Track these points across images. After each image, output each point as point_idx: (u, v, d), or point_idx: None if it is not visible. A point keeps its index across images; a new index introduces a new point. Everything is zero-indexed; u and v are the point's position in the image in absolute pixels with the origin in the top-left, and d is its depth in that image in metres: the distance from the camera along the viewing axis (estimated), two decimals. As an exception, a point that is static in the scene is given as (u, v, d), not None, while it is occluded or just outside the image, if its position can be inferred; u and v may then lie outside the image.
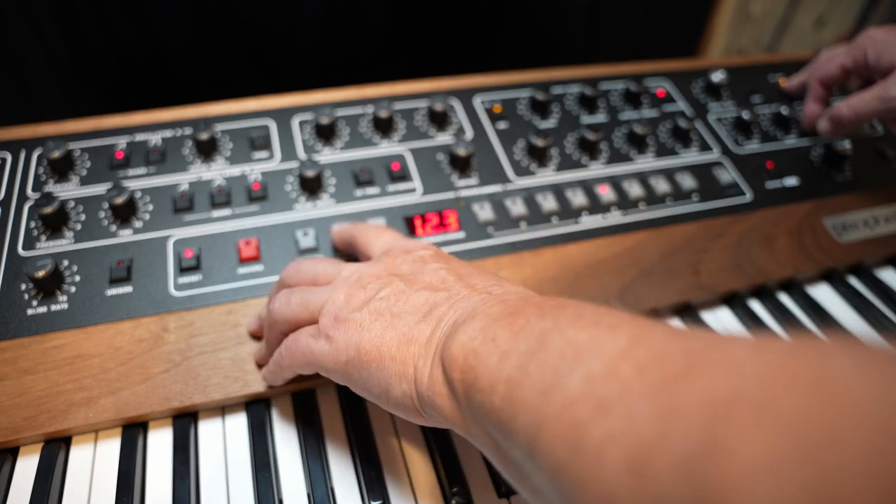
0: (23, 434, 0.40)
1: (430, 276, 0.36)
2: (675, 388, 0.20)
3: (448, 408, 0.30)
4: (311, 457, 0.41)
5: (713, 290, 0.53)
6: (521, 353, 0.26)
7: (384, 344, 0.33)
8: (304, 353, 0.36)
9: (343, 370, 0.34)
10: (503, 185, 0.58)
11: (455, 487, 0.40)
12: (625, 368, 0.22)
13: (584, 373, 0.23)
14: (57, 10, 0.72)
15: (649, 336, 0.23)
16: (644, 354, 0.22)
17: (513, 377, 0.26)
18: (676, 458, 0.18)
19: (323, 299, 0.37)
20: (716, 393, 0.19)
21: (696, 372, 0.20)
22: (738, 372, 0.19)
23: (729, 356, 0.20)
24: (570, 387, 0.23)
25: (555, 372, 0.24)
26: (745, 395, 0.18)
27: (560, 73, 0.70)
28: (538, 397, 0.24)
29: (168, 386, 0.42)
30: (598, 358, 0.23)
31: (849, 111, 0.61)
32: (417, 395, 0.32)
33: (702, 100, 0.70)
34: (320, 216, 0.53)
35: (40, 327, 0.44)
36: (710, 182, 0.62)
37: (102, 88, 0.82)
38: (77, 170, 0.54)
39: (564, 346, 0.25)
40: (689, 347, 0.22)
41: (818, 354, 0.18)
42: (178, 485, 0.39)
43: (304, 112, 0.61)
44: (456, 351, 0.29)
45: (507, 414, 0.26)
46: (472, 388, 0.28)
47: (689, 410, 0.19)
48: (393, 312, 0.34)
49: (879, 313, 0.55)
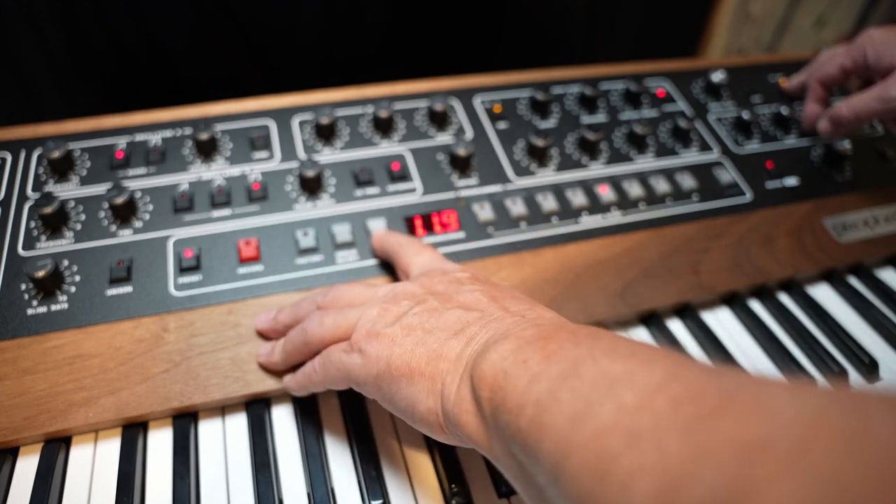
0: (23, 434, 0.40)
1: (464, 297, 0.36)
2: (709, 426, 0.20)
3: (473, 426, 0.30)
4: (311, 457, 0.41)
5: (713, 290, 0.53)
6: (552, 377, 0.26)
7: (414, 359, 0.33)
8: (338, 367, 0.37)
9: (374, 383, 0.35)
10: (503, 185, 0.58)
11: (455, 487, 0.40)
12: (659, 402, 0.22)
13: (617, 403, 0.23)
14: (57, 10, 0.72)
15: (685, 372, 0.23)
16: (679, 390, 0.22)
17: (542, 401, 0.26)
18: (705, 497, 0.18)
19: (356, 316, 0.38)
20: (749, 434, 0.19)
21: (730, 411, 0.20)
22: (772, 415, 0.19)
23: (764, 398, 0.20)
24: (601, 416, 0.23)
25: (586, 400, 0.24)
26: (779, 439, 0.18)
27: (560, 73, 0.70)
28: (567, 423, 0.24)
29: (168, 386, 0.42)
30: (631, 390, 0.23)
31: (848, 111, 0.61)
32: (443, 412, 0.32)
33: (702, 100, 0.70)
34: (320, 216, 0.53)
35: (40, 327, 0.44)
36: (710, 182, 0.62)
37: (102, 88, 0.82)
38: (77, 170, 0.54)
39: (598, 376, 0.25)
40: (725, 386, 0.21)
41: (856, 404, 0.18)
42: (178, 485, 0.39)
43: (304, 112, 0.61)
44: (486, 370, 0.29)
45: (533, 437, 0.26)
46: (499, 408, 0.28)
47: (721, 449, 0.19)
48: (425, 329, 0.34)
49: (879, 313, 0.55)
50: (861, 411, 0.18)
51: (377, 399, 0.36)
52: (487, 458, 0.31)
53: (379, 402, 0.36)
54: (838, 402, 0.19)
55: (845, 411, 0.18)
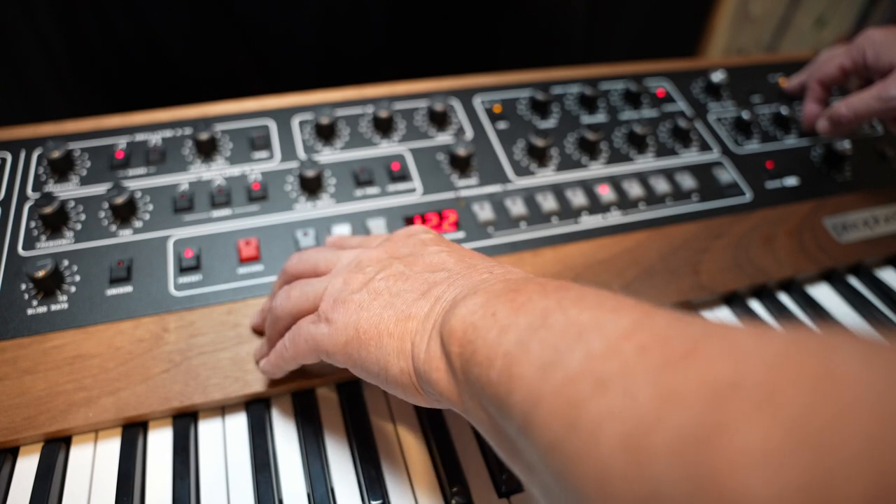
0: (23, 434, 0.40)
1: (430, 258, 0.36)
2: (677, 370, 0.20)
3: (445, 382, 0.30)
4: (311, 457, 0.41)
5: (713, 289, 0.53)
6: (521, 328, 0.26)
7: (382, 322, 0.33)
8: (306, 339, 0.36)
9: (343, 350, 0.34)
10: (503, 185, 0.58)
11: (455, 487, 0.40)
12: (626, 348, 0.22)
13: (585, 351, 0.23)
14: (57, 10, 0.72)
15: (652, 319, 0.23)
16: (647, 336, 0.22)
17: (511, 352, 0.26)
18: (673, 439, 0.18)
19: (323, 286, 0.37)
20: (717, 377, 0.19)
21: (698, 355, 0.20)
22: (740, 358, 0.19)
23: (732, 342, 0.20)
24: (569, 364, 0.23)
25: (555, 349, 0.24)
26: (746, 381, 0.18)
27: (560, 73, 0.70)
28: (536, 373, 0.24)
29: (168, 386, 0.42)
30: (600, 337, 0.23)
31: (848, 111, 0.61)
32: (415, 371, 0.32)
33: (702, 100, 0.70)
34: (320, 216, 0.53)
35: (40, 327, 0.44)
36: (710, 182, 0.62)
37: (102, 88, 0.82)
38: (77, 170, 0.54)
39: (566, 325, 0.25)
40: (693, 332, 0.22)
41: (822, 346, 0.18)
42: (178, 485, 0.39)
43: (304, 112, 0.61)
44: (455, 324, 0.29)
45: (503, 388, 0.26)
46: (469, 361, 0.28)
47: (688, 393, 0.19)
48: (392, 292, 0.34)
49: (879, 313, 0.55)
50: (827, 352, 0.18)
51: (349, 367, 0.35)
52: (460, 413, 0.31)
53: (351, 370, 0.35)
54: (805, 343, 0.19)
55: (812, 352, 0.18)
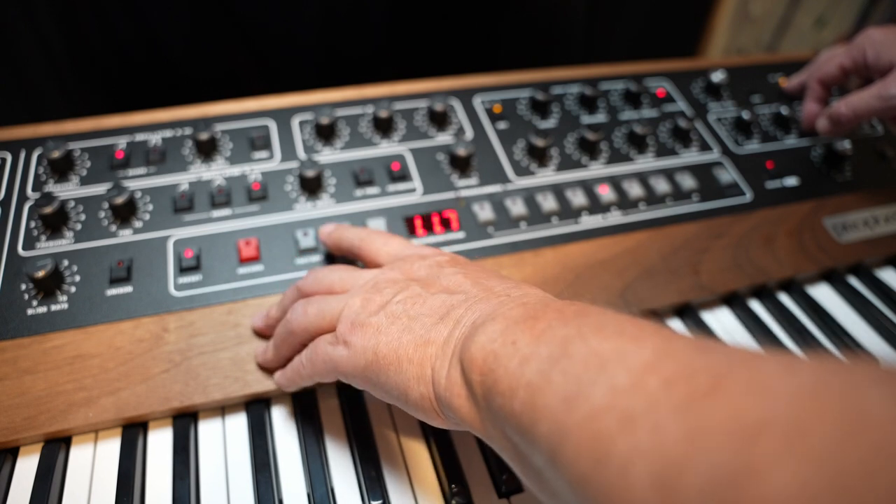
0: (23, 434, 0.40)
1: (447, 280, 0.36)
2: (704, 407, 0.20)
3: (466, 409, 0.30)
4: (311, 457, 0.41)
5: (713, 290, 0.53)
6: (542, 358, 0.26)
7: (401, 347, 0.33)
8: (325, 360, 0.36)
9: (362, 374, 0.34)
10: (503, 185, 0.58)
11: (455, 487, 0.40)
12: (651, 382, 0.22)
13: (609, 384, 0.23)
14: (57, 10, 0.72)
15: (675, 349, 0.23)
16: (671, 368, 0.22)
17: (534, 382, 0.26)
18: (705, 480, 0.18)
19: (340, 306, 0.37)
20: (745, 415, 0.18)
21: (724, 391, 0.20)
22: (767, 395, 0.19)
23: (758, 376, 0.20)
24: (594, 398, 0.23)
25: (578, 381, 0.24)
26: (776, 419, 0.18)
27: (560, 73, 0.70)
28: (561, 406, 0.24)
29: (168, 386, 0.42)
30: (623, 369, 0.23)
31: (847, 110, 0.60)
32: (435, 397, 0.32)
33: (702, 100, 0.70)
34: (320, 216, 0.53)
35: (40, 327, 0.44)
36: (710, 182, 0.62)
37: (102, 88, 0.82)
38: (77, 170, 0.54)
39: (588, 356, 0.25)
40: (718, 363, 0.21)
41: (850, 381, 0.18)
42: (178, 485, 0.39)
43: (304, 112, 0.61)
44: (475, 352, 0.29)
45: (527, 419, 0.25)
46: (491, 390, 0.28)
47: (717, 431, 0.19)
48: (410, 315, 0.34)
49: (879, 313, 0.55)
50: (857, 388, 0.18)
51: (368, 390, 0.35)
52: (483, 440, 0.31)
53: (370, 392, 0.35)
54: (834, 378, 0.18)
55: (842, 388, 0.18)
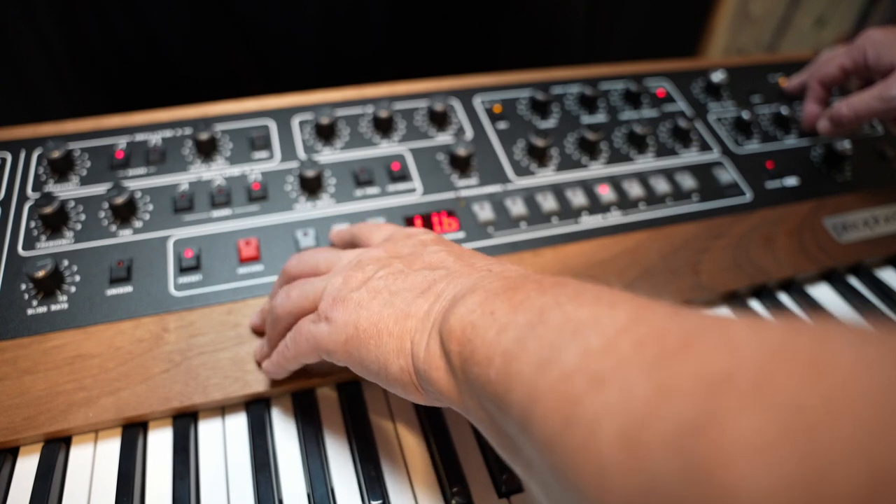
0: (23, 434, 0.40)
1: (429, 257, 0.36)
2: (672, 364, 0.20)
3: (444, 381, 0.30)
4: (311, 457, 0.41)
5: (713, 290, 0.53)
6: (519, 326, 0.27)
7: (382, 320, 0.33)
8: (307, 338, 0.36)
9: (343, 349, 0.34)
10: (503, 185, 0.58)
11: (455, 487, 0.40)
12: (622, 343, 0.22)
13: (582, 347, 0.23)
14: (57, 10, 0.72)
15: (648, 313, 0.23)
16: (643, 330, 0.22)
17: (510, 350, 0.26)
18: (669, 432, 0.18)
19: (322, 285, 0.37)
20: (712, 369, 0.19)
21: (692, 348, 0.20)
22: (734, 350, 0.19)
23: (726, 334, 0.20)
24: (566, 361, 0.23)
25: (552, 346, 0.24)
26: (740, 372, 0.18)
27: (560, 73, 0.70)
28: (534, 370, 0.24)
29: (168, 386, 0.42)
30: (596, 333, 0.23)
31: (848, 110, 0.60)
32: (414, 370, 0.32)
33: (702, 100, 0.70)
34: (320, 216, 0.53)
35: (40, 327, 0.44)
36: (710, 182, 0.62)
37: (102, 88, 0.82)
38: (77, 170, 0.54)
39: (563, 322, 0.25)
40: (688, 325, 0.22)
41: (815, 336, 0.18)
42: (178, 485, 0.39)
43: (304, 112, 0.61)
44: (454, 323, 0.29)
45: (502, 387, 0.26)
46: (468, 360, 0.28)
47: (684, 386, 0.19)
48: (391, 290, 0.34)
49: (879, 313, 0.55)
50: (822, 342, 0.18)
51: (349, 366, 0.35)
52: (460, 411, 0.31)
53: (351, 368, 0.35)
54: (799, 334, 0.19)
55: (806, 343, 0.18)
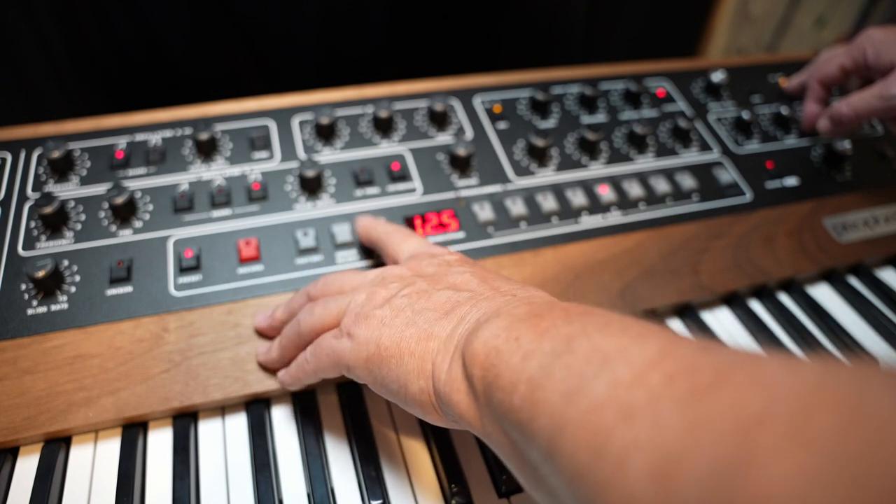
0: (23, 434, 0.40)
1: (454, 278, 0.36)
2: (705, 401, 0.20)
3: (465, 405, 0.30)
4: (311, 457, 0.41)
5: (713, 290, 0.53)
6: (545, 354, 0.26)
7: (404, 339, 0.33)
8: (328, 353, 0.36)
9: (364, 366, 0.34)
10: (503, 185, 0.58)
11: (455, 487, 0.40)
12: (653, 377, 0.22)
13: (611, 379, 0.23)
14: (57, 10, 0.72)
15: (679, 347, 0.23)
16: (673, 364, 0.22)
17: (535, 378, 0.26)
18: (703, 472, 0.18)
19: (346, 301, 0.37)
20: (747, 408, 0.18)
21: (726, 385, 0.20)
22: (770, 389, 0.19)
23: (761, 373, 0.20)
24: (595, 392, 0.23)
25: (580, 376, 0.24)
26: (777, 412, 0.18)
27: (560, 73, 0.70)
28: (561, 400, 0.24)
29: (168, 386, 0.42)
30: (625, 365, 0.23)
31: (849, 110, 0.60)
32: (435, 392, 0.32)
33: (702, 100, 0.70)
34: (320, 216, 0.53)
35: (40, 327, 0.44)
36: (710, 182, 0.62)
37: (102, 88, 0.82)
38: (77, 170, 0.54)
39: (591, 352, 0.25)
40: (720, 361, 0.21)
41: (853, 377, 0.18)
42: (178, 485, 0.39)
43: (304, 112, 0.61)
44: (478, 348, 0.29)
45: (526, 414, 0.26)
46: (492, 385, 0.28)
47: (718, 424, 0.19)
48: (414, 309, 0.34)
49: (879, 313, 0.55)
50: (859, 385, 0.17)
51: (369, 384, 0.35)
52: (480, 437, 0.31)
53: (371, 387, 0.35)
54: (836, 375, 0.18)
55: (843, 384, 0.18)
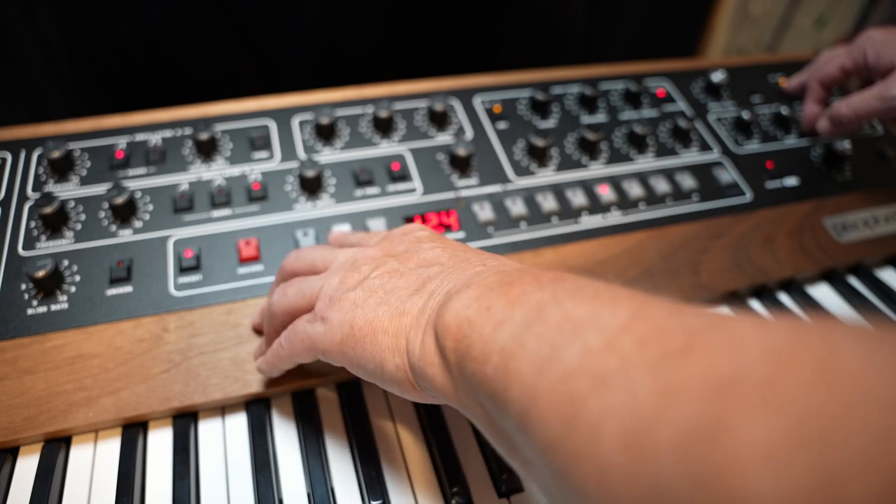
0: (23, 434, 0.40)
1: (424, 254, 0.36)
2: (677, 364, 0.20)
3: (440, 378, 0.30)
4: (311, 457, 0.41)
5: (713, 290, 0.53)
6: (516, 323, 0.26)
7: (377, 318, 0.33)
8: (302, 338, 0.36)
9: (339, 349, 0.34)
10: (503, 185, 0.58)
11: (455, 487, 0.40)
12: (624, 342, 0.22)
13: (583, 346, 0.23)
14: (57, 10, 0.72)
15: (650, 310, 0.23)
16: (645, 328, 0.22)
17: (507, 347, 0.26)
18: (675, 436, 0.18)
19: (319, 285, 0.37)
20: (718, 371, 0.18)
21: (698, 348, 0.20)
22: (741, 351, 0.19)
23: (732, 334, 0.20)
24: (567, 360, 0.23)
25: (552, 344, 0.24)
26: (749, 375, 0.18)
27: (560, 73, 0.70)
28: (533, 369, 0.24)
29: (168, 386, 0.42)
30: (597, 331, 0.23)
31: (848, 110, 0.60)
32: (410, 367, 0.32)
33: (702, 100, 0.70)
34: (320, 216, 0.53)
35: (40, 327, 0.44)
36: (710, 182, 0.62)
37: (102, 88, 0.82)
38: (77, 170, 0.54)
39: (562, 319, 0.25)
40: (691, 323, 0.21)
41: (824, 337, 0.18)
42: (178, 485, 0.39)
43: (304, 112, 0.61)
44: (449, 319, 0.29)
45: (500, 384, 0.25)
46: (464, 356, 0.28)
47: (690, 387, 0.19)
48: (386, 289, 0.34)
49: (879, 313, 0.55)
50: (829, 344, 0.17)
51: (345, 365, 0.35)
52: (456, 408, 0.31)
53: (348, 368, 0.35)
54: (806, 335, 0.18)
55: (814, 345, 0.18)
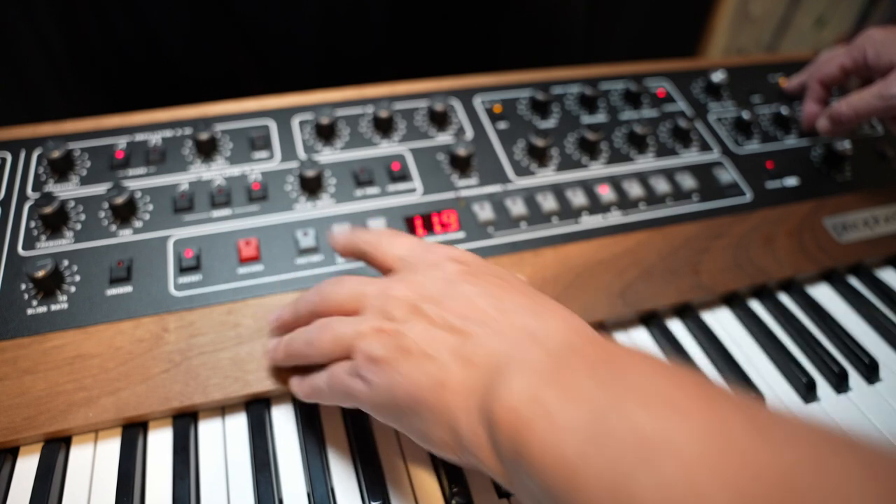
0: (23, 434, 0.40)
1: (457, 303, 0.35)
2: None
3: (492, 463, 0.30)
4: (311, 457, 0.41)
5: (713, 290, 0.53)
6: (578, 431, 0.25)
7: (418, 391, 0.32)
8: (344, 392, 0.36)
9: (381, 413, 0.35)
10: (503, 185, 0.58)
11: (455, 487, 0.40)
12: (703, 478, 0.20)
13: (658, 479, 0.21)
14: (57, 10, 0.72)
15: (729, 429, 0.21)
16: (727, 463, 0.20)
17: (572, 463, 0.25)
18: None
19: (352, 333, 0.36)
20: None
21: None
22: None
23: (843, 489, 0.18)
24: (640, 492, 0.22)
25: (622, 471, 0.23)
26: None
27: (560, 73, 0.70)
28: (604, 494, 0.23)
29: (168, 386, 0.42)
30: (671, 460, 0.22)
31: (848, 109, 0.60)
32: (458, 446, 0.31)
33: (702, 100, 0.70)
34: (320, 216, 0.53)
35: (40, 327, 0.44)
36: (710, 182, 0.62)
37: (102, 88, 0.82)
38: (77, 170, 0.54)
39: (629, 434, 0.23)
40: (785, 462, 0.19)
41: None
42: (178, 485, 0.39)
43: (304, 112, 0.61)
44: (501, 414, 0.28)
45: (562, 493, 0.25)
46: (520, 455, 0.27)
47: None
48: (424, 353, 0.33)
49: (879, 313, 0.55)
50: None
51: (389, 424, 0.36)
52: (507, 489, 0.31)
53: (390, 425, 0.36)
54: None
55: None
